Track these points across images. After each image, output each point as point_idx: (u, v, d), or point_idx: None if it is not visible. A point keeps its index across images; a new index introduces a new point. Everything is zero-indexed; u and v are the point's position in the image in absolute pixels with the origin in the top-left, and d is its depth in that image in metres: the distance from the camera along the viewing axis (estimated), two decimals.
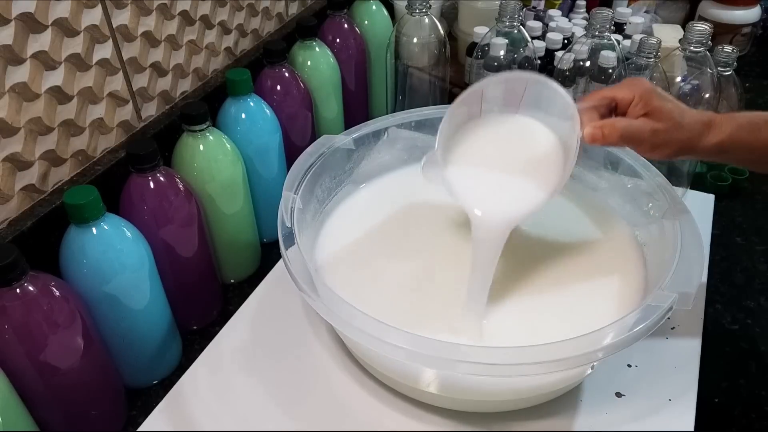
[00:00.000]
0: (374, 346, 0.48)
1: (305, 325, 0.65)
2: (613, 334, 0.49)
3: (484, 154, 0.58)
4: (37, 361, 0.48)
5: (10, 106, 0.54)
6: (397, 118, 0.73)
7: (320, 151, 0.67)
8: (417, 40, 0.86)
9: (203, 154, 0.63)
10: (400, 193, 0.73)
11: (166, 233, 0.60)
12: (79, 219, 0.51)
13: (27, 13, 0.54)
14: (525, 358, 0.47)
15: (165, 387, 0.60)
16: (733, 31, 1.13)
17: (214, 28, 0.77)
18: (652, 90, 0.54)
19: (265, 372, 0.61)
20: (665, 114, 0.53)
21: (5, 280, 0.46)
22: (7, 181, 0.55)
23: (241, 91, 0.68)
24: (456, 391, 0.55)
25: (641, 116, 0.54)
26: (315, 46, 0.80)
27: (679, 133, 0.54)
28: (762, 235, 0.79)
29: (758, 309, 0.69)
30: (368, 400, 0.58)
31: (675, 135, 0.54)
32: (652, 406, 0.56)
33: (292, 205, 0.60)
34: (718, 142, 0.54)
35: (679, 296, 0.50)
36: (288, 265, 0.54)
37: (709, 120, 0.55)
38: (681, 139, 0.54)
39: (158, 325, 0.60)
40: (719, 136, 0.54)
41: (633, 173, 0.66)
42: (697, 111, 0.56)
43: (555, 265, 0.63)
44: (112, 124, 0.65)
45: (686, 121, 0.54)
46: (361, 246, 0.66)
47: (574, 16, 1.08)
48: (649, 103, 0.53)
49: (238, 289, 0.73)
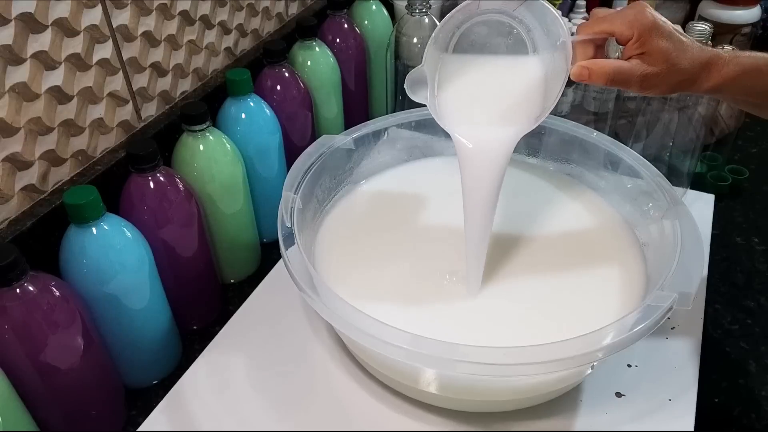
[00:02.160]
0: (374, 346, 0.48)
1: (305, 325, 0.65)
2: (613, 334, 0.49)
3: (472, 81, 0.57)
4: (37, 361, 0.48)
5: (10, 106, 0.54)
6: (397, 118, 0.73)
7: (320, 151, 0.67)
8: (417, 40, 0.86)
9: (203, 154, 0.63)
10: (400, 192, 0.73)
11: (166, 233, 0.60)
12: (79, 219, 0.51)
13: (27, 13, 0.54)
14: (525, 358, 0.47)
15: (165, 387, 0.60)
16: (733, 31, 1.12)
17: (214, 28, 0.77)
18: (653, 27, 0.50)
19: (265, 372, 0.61)
20: (661, 56, 0.51)
21: (5, 280, 0.46)
22: (7, 181, 0.55)
23: (241, 91, 0.68)
24: (456, 391, 0.55)
25: (636, 56, 0.51)
26: (315, 46, 0.80)
27: (672, 77, 0.51)
28: (762, 235, 0.79)
29: (758, 309, 0.69)
30: (368, 400, 0.58)
31: (668, 78, 0.51)
32: (652, 406, 0.56)
33: (292, 205, 0.60)
34: (715, 84, 0.52)
35: (679, 296, 0.50)
36: (288, 265, 0.54)
37: (708, 60, 0.52)
38: (674, 82, 0.52)
39: (158, 325, 0.60)
40: (717, 78, 0.52)
41: (633, 173, 0.66)
42: (699, 47, 0.52)
43: (554, 265, 0.63)
44: (112, 124, 0.65)
45: (684, 63, 0.51)
46: (361, 245, 0.66)
47: (574, 16, 1.08)
48: (646, 43, 0.50)
49: (238, 289, 0.73)
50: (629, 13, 0.51)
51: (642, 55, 0.51)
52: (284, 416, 0.57)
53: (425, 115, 0.73)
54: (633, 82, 0.51)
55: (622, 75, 0.51)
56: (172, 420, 0.57)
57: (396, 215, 0.70)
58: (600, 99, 0.83)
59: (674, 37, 0.51)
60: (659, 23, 0.51)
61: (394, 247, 0.66)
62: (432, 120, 0.56)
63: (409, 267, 0.63)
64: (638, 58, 0.51)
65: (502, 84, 0.57)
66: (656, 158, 0.78)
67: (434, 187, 0.73)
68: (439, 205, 0.70)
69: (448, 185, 0.74)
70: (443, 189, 0.73)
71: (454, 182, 0.63)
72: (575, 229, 0.67)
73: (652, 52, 0.51)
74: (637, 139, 0.85)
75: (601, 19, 0.52)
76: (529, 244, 0.65)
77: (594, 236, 0.67)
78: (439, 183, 0.73)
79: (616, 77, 0.51)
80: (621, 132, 0.87)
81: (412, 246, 0.66)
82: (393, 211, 0.70)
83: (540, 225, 0.67)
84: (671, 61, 0.51)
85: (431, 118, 0.64)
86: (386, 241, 0.66)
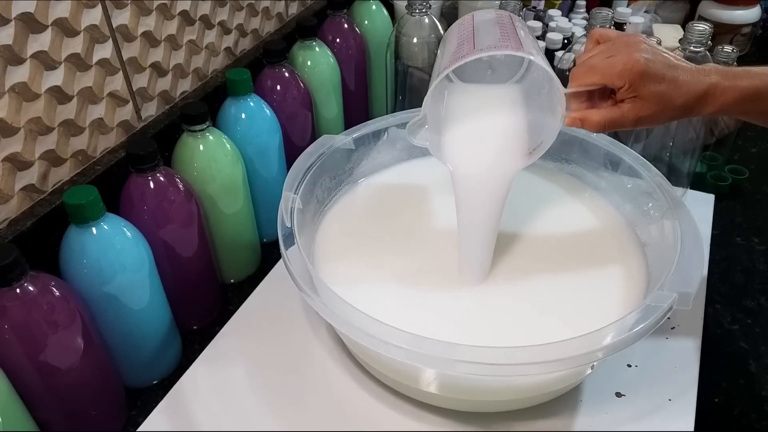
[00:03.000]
0: (374, 345, 0.48)
1: (305, 325, 0.65)
2: (613, 334, 0.49)
3: (469, 120, 0.59)
4: (37, 361, 0.48)
5: (10, 106, 0.54)
6: (397, 118, 0.73)
7: (320, 151, 0.67)
8: (417, 40, 0.86)
9: (203, 154, 0.63)
10: (400, 191, 0.73)
11: (166, 233, 0.60)
12: (79, 219, 0.51)
13: (27, 13, 0.54)
14: (525, 358, 0.47)
15: (165, 387, 0.60)
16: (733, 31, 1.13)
17: (214, 28, 0.77)
18: (643, 74, 0.50)
19: (265, 372, 0.61)
20: (654, 99, 0.51)
21: (5, 280, 0.46)
22: (7, 181, 0.55)
23: (241, 91, 0.68)
24: (456, 391, 0.55)
25: (629, 99, 0.51)
26: (315, 46, 0.80)
27: (666, 114, 0.52)
28: (762, 235, 0.79)
29: (758, 309, 0.69)
30: (368, 400, 0.58)
31: (662, 116, 0.52)
32: (652, 406, 0.56)
33: (292, 205, 0.60)
34: (712, 112, 0.52)
35: (679, 296, 0.50)
36: (288, 265, 0.54)
37: (705, 92, 0.51)
38: (668, 117, 0.52)
39: (158, 325, 0.60)
40: (714, 107, 0.52)
41: (633, 173, 0.66)
42: (695, 78, 0.51)
43: (554, 265, 0.63)
44: (112, 124, 0.65)
45: (678, 101, 0.51)
46: (361, 245, 0.66)
47: (574, 16, 1.08)
48: (638, 89, 0.50)
49: (238, 289, 0.73)
50: (618, 63, 0.51)
51: (635, 98, 0.51)
52: (284, 416, 0.57)
53: None
54: (627, 125, 0.52)
55: (615, 122, 0.52)
56: (172, 420, 0.57)
57: (396, 215, 0.70)
58: None
59: (667, 77, 0.51)
60: (650, 69, 0.50)
61: (394, 246, 0.66)
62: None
63: (409, 266, 0.63)
64: (631, 101, 0.51)
65: (495, 122, 0.59)
66: (656, 158, 0.78)
67: (434, 185, 0.73)
68: (440, 204, 0.70)
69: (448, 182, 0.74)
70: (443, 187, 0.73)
71: None
72: (575, 229, 0.67)
73: (644, 97, 0.51)
74: (637, 139, 0.85)
75: (592, 71, 0.52)
76: (530, 243, 0.65)
77: (594, 236, 0.66)
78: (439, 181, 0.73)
79: (609, 125, 0.52)
80: (621, 132, 0.87)
81: (413, 245, 0.66)
82: (393, 211, 0.70)
83: (540, 224, 0.67)
84: (664, 102, 0.51)
85: None
86: (386, 241, 0.66)
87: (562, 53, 0.86)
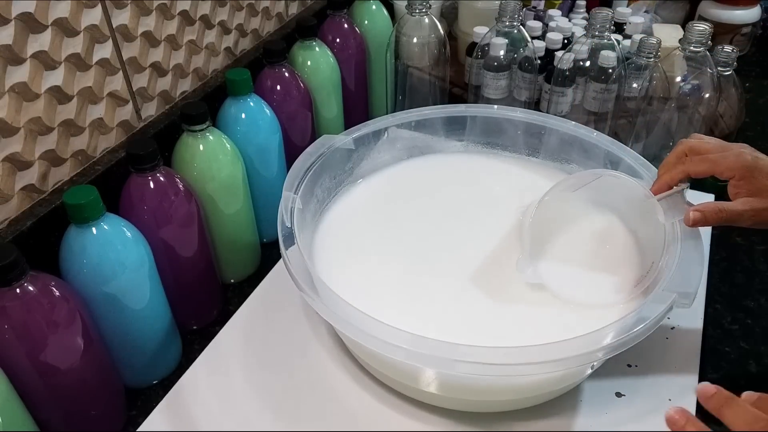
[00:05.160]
0: (374, 345, 0.48)
1: (305, 325, 0.65)
2: (613, 334, 0.50)
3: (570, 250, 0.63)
4: (37, 361, 0.48)
5: (10, 106, 0.54)
6: (397, 118, 0.73)
7: (320, 151, 0.67)
8: (417, 40, 0.86)
9: (203, 154, 0.63)
10: (400, 191, 0.73)
11: (166, 233, 0.60)
12: (79, 219, 0.51)
13: (27, 13, 0.54)
14: (525, 358, 0.47)
15: (165, 387, 0.60)
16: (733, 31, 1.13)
17: (214, 28, 0.77)
18: (753, 167, 0.54)
19: (265, 372, 0.61)
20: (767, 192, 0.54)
21: (5, 280, 0.46)
22: (7, 181, 0.55)
23: (241, 91, 0.68)
24: (456, 391, 0.55)
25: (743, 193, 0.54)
26: (315, 46, 0.80)
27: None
28: (762, 235, 0.79)
29: (758, 309, 0.69)
30: (368, 400, 0.58)
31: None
32: (652, 406, 0.56)
33: (292, 205, 0.60)
34: None
35: (679, 296, 0.50)
36: (288, 265, 0.54)
37: None
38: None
39: (158, 325, 0.60)
40: None
41: (633, 173, 0.66)
42: None
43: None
44: (112, 124, 0.65)
45: None
46: (361, 244, 0.66)
47: (574, 16, 1.08)
48: (749, 183, 0.54)
49: (238, 289, 0.73)
50: (730, 155, 0.55)
51: (748, 193, 0.54)
52: (284, 416, 0.57)
53: (425, 115, 0.73)
54: (744, 220, 0.54)
55: (734, 216, 0.54)
56: (172, 420, 0.57)
57: (396, 215, 0.70)
58: (600, 99, 0.83)
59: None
60: (759, 163, 0.54)
61: (394, 246, 0.66)
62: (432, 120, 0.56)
63: (409, 266, 0.63)
64: (745, 196, 0.54)
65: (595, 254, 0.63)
66: (656, 158, 0.78)
67: (434, 184, 0.73)
68: (440, 203, 0.70)
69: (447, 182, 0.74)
70: (443, 186, 0.73)
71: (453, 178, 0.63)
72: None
73: (756, 192, 0.54)
74: (637, 139, 0.86)
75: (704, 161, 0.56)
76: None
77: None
78: (439, 180, 0.73)
79: (729, 218, 0.54)
80: (621, 132, 0.87)
81: (413, 245, 0.66)
82: (393, 211, 0.70)
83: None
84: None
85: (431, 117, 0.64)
86: (386, 241, 0.66)
87: (562, 53, 0.86)
